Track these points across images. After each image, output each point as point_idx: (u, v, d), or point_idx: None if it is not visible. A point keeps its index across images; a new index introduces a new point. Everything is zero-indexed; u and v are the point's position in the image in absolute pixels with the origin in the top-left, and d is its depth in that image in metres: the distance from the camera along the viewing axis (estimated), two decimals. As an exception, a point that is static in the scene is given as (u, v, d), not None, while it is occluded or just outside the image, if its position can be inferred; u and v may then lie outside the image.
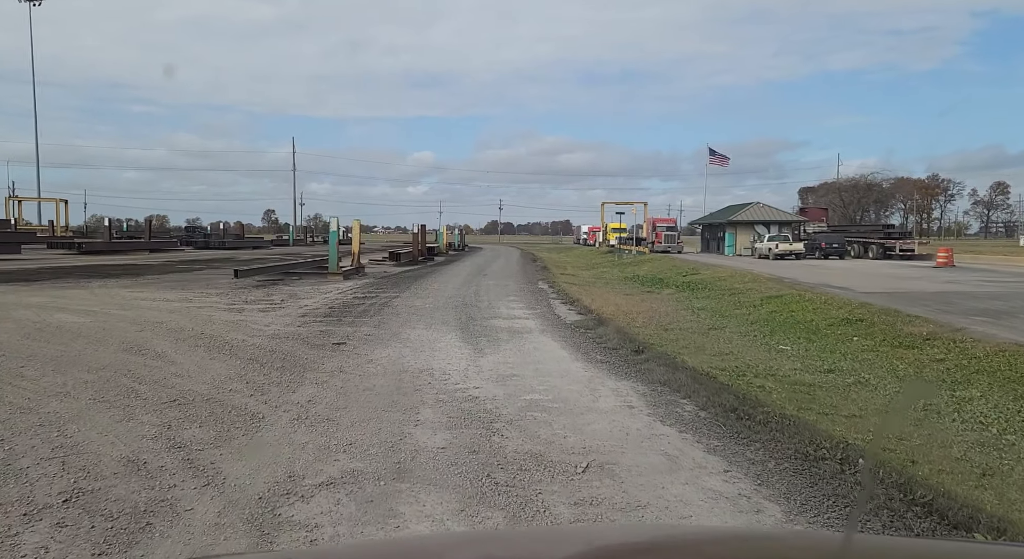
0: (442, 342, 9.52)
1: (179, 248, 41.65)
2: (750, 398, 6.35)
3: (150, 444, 4.65)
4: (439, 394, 6.41)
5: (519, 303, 15.25)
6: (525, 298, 16.55)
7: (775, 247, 34.22)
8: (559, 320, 12.42)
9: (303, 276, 21.25)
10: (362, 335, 9.96)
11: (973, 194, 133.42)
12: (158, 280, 19.15)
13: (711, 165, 51.51)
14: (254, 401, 5.96)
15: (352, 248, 25.00)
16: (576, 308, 14.51)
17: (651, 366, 7.92)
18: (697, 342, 10.19)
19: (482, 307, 14.16)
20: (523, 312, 13.48)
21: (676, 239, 46.09)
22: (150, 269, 24.00)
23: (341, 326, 10.85)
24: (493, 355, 8.61)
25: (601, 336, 10.41)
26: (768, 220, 40.87)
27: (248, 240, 54.91)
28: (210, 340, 9.09)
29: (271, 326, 10.65)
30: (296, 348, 8.71)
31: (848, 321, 11.75)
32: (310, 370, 7.38)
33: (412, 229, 34.28)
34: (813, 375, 7.81)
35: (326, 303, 14.26)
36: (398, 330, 10.58)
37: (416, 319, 11.97)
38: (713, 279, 22.33)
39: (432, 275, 24.40)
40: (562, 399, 6.33)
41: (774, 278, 20.85)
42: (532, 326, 11.47)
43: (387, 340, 9.59)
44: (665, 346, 9.61)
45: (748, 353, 9.32)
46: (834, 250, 35.11)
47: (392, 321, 11.62)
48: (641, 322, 12.35)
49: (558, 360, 8.42)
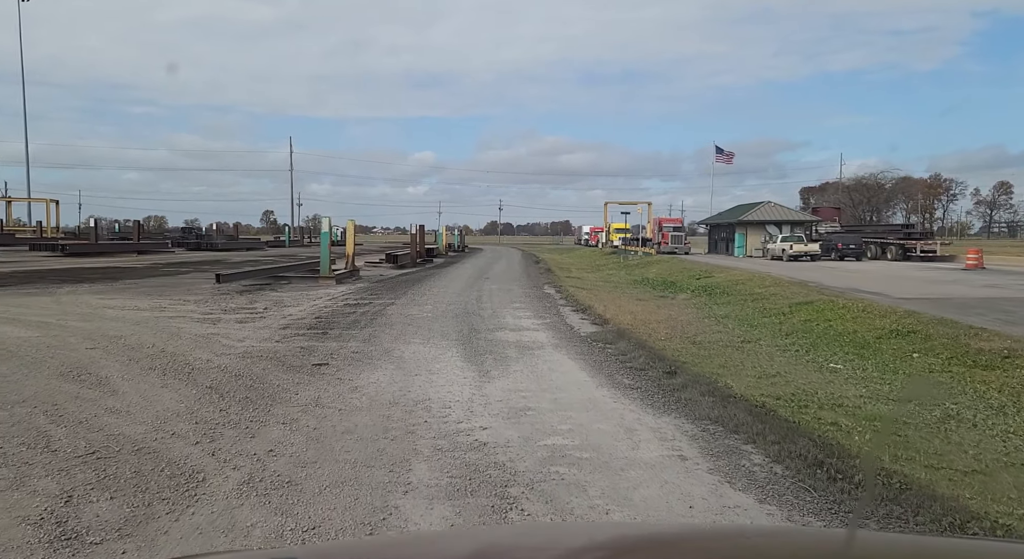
0: (441, 361, 8.19)
1: (170, 250, 40.27)
2: (830, 443, 5.02)
3: (27, 534, 3.31)
4: (437, 438, 5.07)
5: (526, 311, 13.92)
6: (532, 305, 15.21)
7: (789, 248, 32.83)
8: (572, 332, 11.09)
9: (292, 280, 19.92)
10: (348, 353, 8.63)
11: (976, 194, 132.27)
12: (136, 285, 17.81)
13: (717, 163, 50.21)
14: (199, 452, 4.62)
15: (346, 250, 23.67)
16: (589, 317, 13.18)
17: (692, 394, 6.59)
18: (734, 360, 8.87)
19: (485, 316, 12.83)
20: (532, 322, 12.15)
21: (683, 240, 44.67)
22: (132, 272, 22.65)
23: (326, 341, 9.51)
24: (502, 379, 7.28)
25: (623, 352, 9.08)
26: (780, 220, 39.49)
27: (243, 241, 53.52)
28: (170, 360, 7.76)
29: (245, 341, 9.32)
30: (269, 371, 7.37)
31: (898, 333, 10.42)
32: (279, 402, 6.04)
33: (410, 230, 32.93)
34: (888, 405, 6.47)
35: (313, 312, 12.92)
36: (391, 346, 9.24)
37: (412, 332, 10.64)
38: (730, 283, 21.00)
39: (431, 279, 23.07)
40: (593, 445, 5.00)
41: (796, 282, 19.52)
42: (543, 340, 10.14)
43: (377, 359, 8.25)
44: (699, 365, 8.29)
45: (797, 374, 7.99)
46: (851, 251, 33.70)
47: (385, 334, 10.29)
48: (664, 334, 11.03)
49: (579, 385, 7.09)
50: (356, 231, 78.10)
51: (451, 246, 54.52)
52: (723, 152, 49.11)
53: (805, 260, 32.45)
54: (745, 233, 40.38)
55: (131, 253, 35.06)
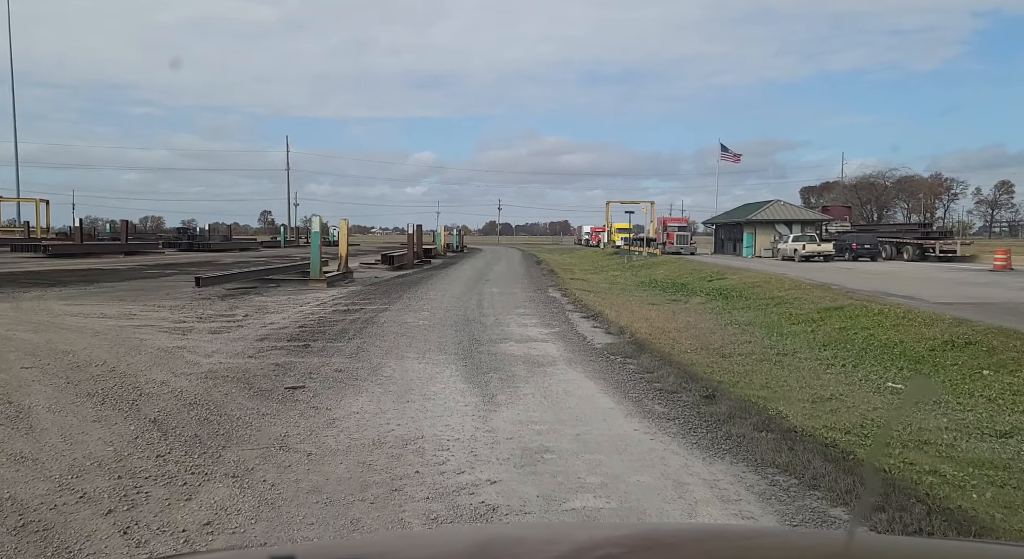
0: (438, 383, 6.99)
1: (160, 251, 39.02)
2: (947, 507, 3.82)
3: None
4: (431, 499, 3.87)
5: (532, 318, 12.72)
6: (537, 310, 14.02)
7: (802, 248, 31.55)
8: (586, 343, 9.89)
9: (281, 283, 18.71)
10: (331, 371, 7.42)
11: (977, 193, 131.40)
12: (112, 289, 16.60)
13: (722, 161, 48.93)
14: (107, 527, 3.42)
15: (339, 251, 22.47)
16: (601, 324, 11.99)
17: (743, 428, 5.39)
18: (776, 378, 7.68)
19: (488, 324, 11.63)
20: (539, 331, 10.95)
21: (688, 239, 43.38)
22: (112, 275, 21.44)
23: (307, 356, 8.32)
24: (510, 406, 6.09)
25: (647, 369, 7.88)
26: (790, 219, 38.21)
27: (237, 242, 52.28)
28: (117, 383, 6.56)
29: (214, 356, 8.12)
30: (232, 397, 6.17)
31: (953, 344, 9.22)
32: (235, 443, 4.83)
33: (407, 230, 31.72)
34: (989, 444, 5.27)
35: (298, 320, 11.72)
36: (380, 362, 8.04)
37: (406, 344, 9.44)
38: (745, 285, 19.81)
39: (428, 281, 21.87)
40: (635, 509, 3.80)
41: (817, 284, 18.33)
42: (554, 353, 8.94)
43: (363, 380, 7.05)
44: (739, 386, 7.10)
45: (855, 397, 6.80)
46: (866, 251, 32.40)
47: (375, 347, 9.09)
48: (688, 345, 9.85)
49: (604, 415, 5.89)
50: (354, 231, 77.52)
51: (449, 246, 53.33)
52: (728, 151, 47.89)
53: (818, 260, 31.22)
54: (754, 233, 39.04)
55: (118, 254, 33.83)
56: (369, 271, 26.30)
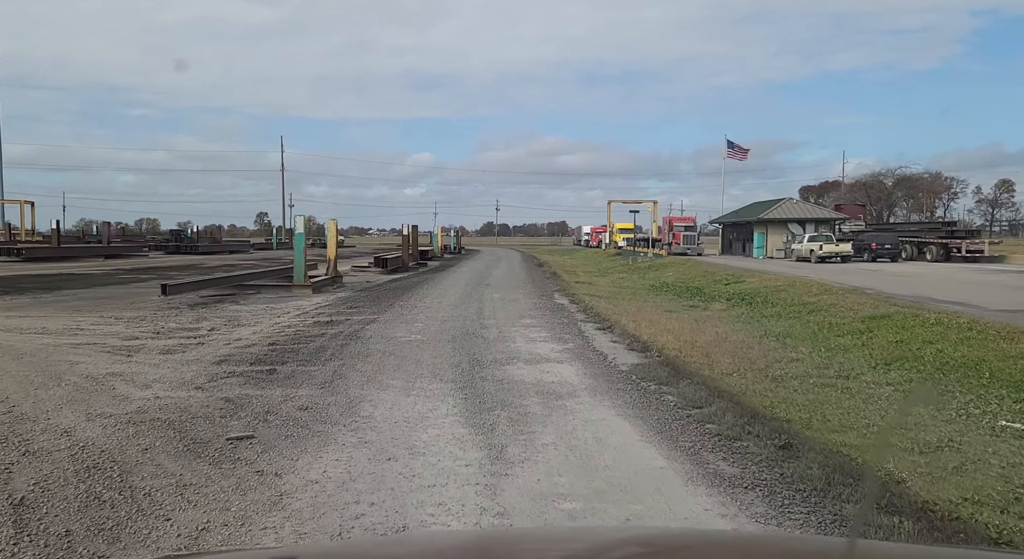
0: (430, 427, 5.40)
1: (143, 253, 37.33)
2: None
3: None
4: None
5: (540, 330, 11.14)
6: (545, 320, 12.44)
7: (818, 248, 29.93)
8: (608, 364, 8.32)
9: (262, 290, 17.11)
10: (293, 410, 5.83)
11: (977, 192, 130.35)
12: (71, 297, 15.00)
13: (729, 158, 47.33)
14: None
15: (327, 253, 20.88)
16: (620, 338, 10.42)
17: (857, 507, 3.81)
18: (852, 411, 6.12)
19: (490, 339, 10.05)
20: (550, 347, 9.37)
21: (696, 240, 41.73)
22: (81, 280, 19.85)
23: (268, 386, 6.72)
24: (527, 468, 4.49)
25: (693, 402, 6.29)
26: (803, 218, 36.60)
27: (228, 244, 50.63)
28: (4, 431, 4.97)
29: (153, 387, 6.53)
30: (151, 455, 4.58)
31: (1052, 365, 7.68)
32: (120, 550, 3.24)
33: (402, 231, 30.12)
34: None
35: (271, 335, 10.13)
36: (359, 394, 6.45)
37: (393, 366, 7.85)
38: (767, 289, 18.25)
39: (424, 286, 20.29)
40: None
41: (848, 288, 16.78)
42: (573, 379, 7.36)
43: (333, 424, 5.46)
44: (814, 427, 5.54)
45: (973, 445, 5.22)
46: (887, 251, 30.76)
47: (355, 372, 7.50)
48: (727, 364, 8.29)
49: (656, 482, 4.30)
50: (351, 233, 75.84)
51: (447, 248, 51.78)
52: (735, 147, 46.27)
53: (835, 261, 29.64)
54: (765, 232, 37.35)
55: (98, 257, 32.18)
56: (361, 275, 24.72)
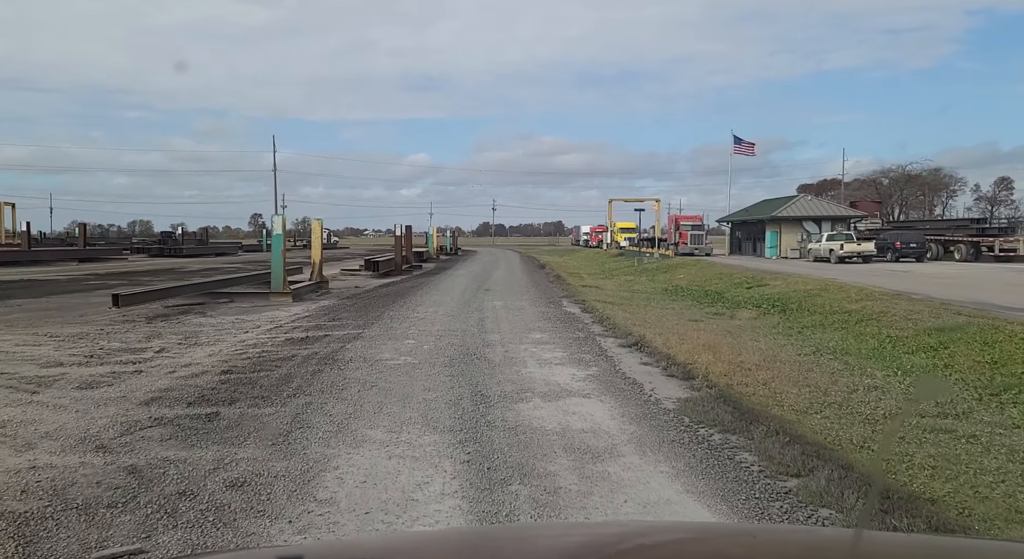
0: (418, 519, 3.64)
1: (122, 257, 35.46)
2: None
3: None
4: None
5: (554, 347, 9.40)
6: (557, 334, 10.70)
7: (839, 248, 28.17)
8: (647, 399, 6.56)
9: (237, 298, 15.33)
10: (219, 491, 4.06)
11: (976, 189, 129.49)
12: (17, 307, 13.22)
13: (736, 154, 45.55)
14: None
15: (312, 256, 19.10)
16: (650, 357, 8.69)
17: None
18: (1009, 477, 4.39)
19: (496, 361, 8.31)
20: (570, 373, 7.63)
21: (704, 239, 39.95)
22: (41, 287, 18.05)
23: (200, 443, 4.95)
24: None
25: (783, 466, 4.54)
26: (818, 215, 34.84)
27: (215, 246, 48.74)
28: None
29: (37, 446, 4.77)
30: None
31: None
32: None
33: (395, 231, 28.33)
34: None
35: (228, 358, 8.37)
36: (321, 456, 4.69)
37: (373, 407, 6.10)
38: (797, 294, 16.54)
39: (418, 291, 18.52)
40: None
41: (891, 293, 15.06)
42: (608, 424, 5.60)
43: (273, 518, 3.69)
44: (973, 509, 3.81)
45: None
46: (912, 251, 29.00)
47: (322, 416, 5.75)
48: (795, 396, 6.59)
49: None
50: (347, 233, 72.97)
51: (443, 249, 49.99)
52: (742, 142, 44.57)
53: (856, 261, 27.97)
54: (778, 231, 35.51)
55: (71, 261, 30.32)
56: (350, 279, 22.96)
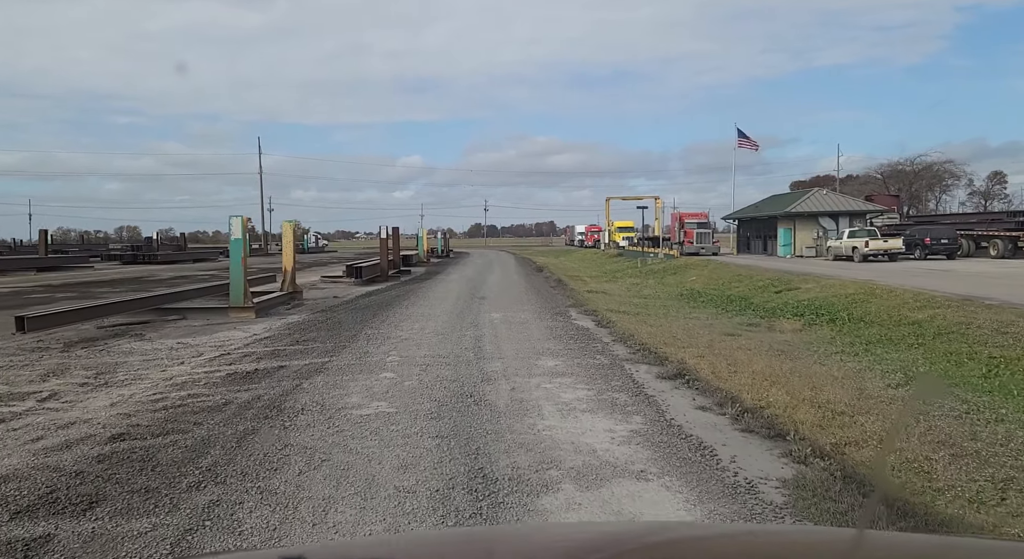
0: None
1: (87, 265, 33.05)
2: None
3: None
4: None
5: (573, 381, 7.21)
6: (575, 360, 8.51)
7: (863, 245, 26.08)
8: (730, 479, 4.38)
9: (190, 313, 13.08)
10: None
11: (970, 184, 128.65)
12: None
13: (740, 148, 43.43)
14: None
15: (283, 263, 16.85)
16: (705, 396, 6.53)
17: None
18: None
19: (500, 407, 6.12)
20: (606, 428, 5.44)
21: (710, 238, 37.83)
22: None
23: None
24: None
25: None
26: (835, 211, 32.79)
27: (192, 251, 46.27)
28: None
29: None
30: None
31: None
32: None
33: (380, 234, 26.08)
34: None
35: (134, 410, 6.14)
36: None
37: (317, 505, 3.89)
38: (839, 299, 14.42)
39: (403, 302, 16.31)
40: None
41: (955, 298, 12.95)
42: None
43: None
44: None
45: None
46: (943, 247, 26.95)
47: (229, 531, 3.54)
48: (943, 469, 4.46)
49: None
50: (338, 236, 69.52)
51: (434, 251, 47.84)
52: (747, 137, 42.50)
53: (881, 260, 25.95)
54: (792, 228, 33.35)
55: (29, 270, 27.92)
56: (330, 287, 20.73)
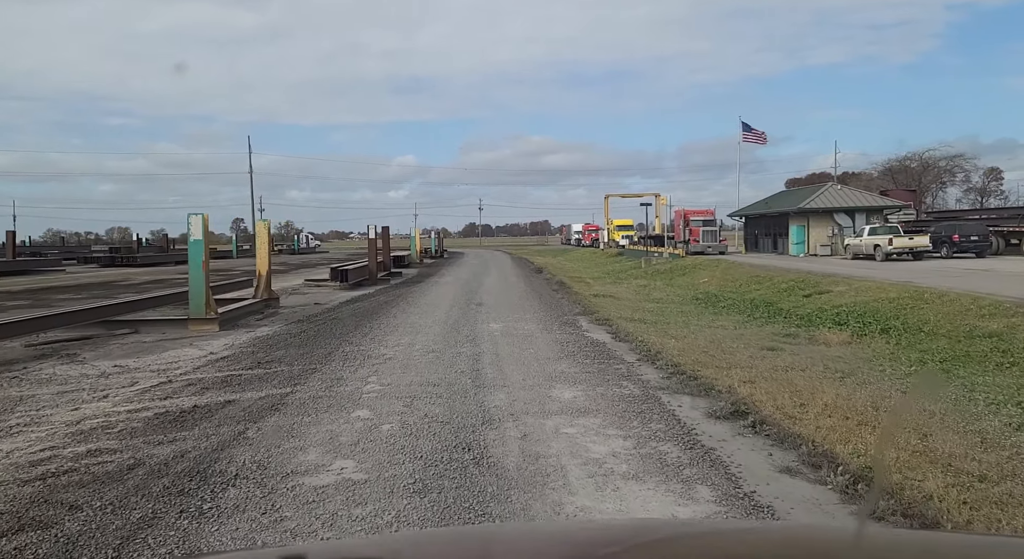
0: None
1: (59, 268, 31.23)
2: None
3: None
4: None
5: (601, 421, 5.52)
6: (595, 389, 6.82)
7: (886, 243, 24.48)
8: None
9: (144, 326, 11.37)
10: None
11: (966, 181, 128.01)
12: None
13: (745, 142, 41.82)
14: None
15: (257, 267, 15.13)
16: (783, 448, 4.88)
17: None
18: None
19: (508, 472, 4.42)
20: (662, 511, 3.76)
21: (717, 236, 36.14)
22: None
23: None
24: None
25: None
26: (852, 206, 31.20)
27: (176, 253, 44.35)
28: None
29: None
30: None
31: None
32: None
33: (369, 234, 24.36)
34: None
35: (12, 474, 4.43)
36: None
37: None
38: (881, 305, 12.78)
39: (390, 310, 14.59)
40: None
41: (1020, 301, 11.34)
42: None
43: None
44: None
45: None
46: (972, 245, 25.36)
47: None
48: None
49: None
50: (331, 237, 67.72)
51: (428, 251, 46.10)
52: (752, 130, 40.88)
53: (906, 258, 24.39)
54: (806, 225, 31.67)
55: (-5, 276, 26.13)
56: (312, 292, 19.00)
